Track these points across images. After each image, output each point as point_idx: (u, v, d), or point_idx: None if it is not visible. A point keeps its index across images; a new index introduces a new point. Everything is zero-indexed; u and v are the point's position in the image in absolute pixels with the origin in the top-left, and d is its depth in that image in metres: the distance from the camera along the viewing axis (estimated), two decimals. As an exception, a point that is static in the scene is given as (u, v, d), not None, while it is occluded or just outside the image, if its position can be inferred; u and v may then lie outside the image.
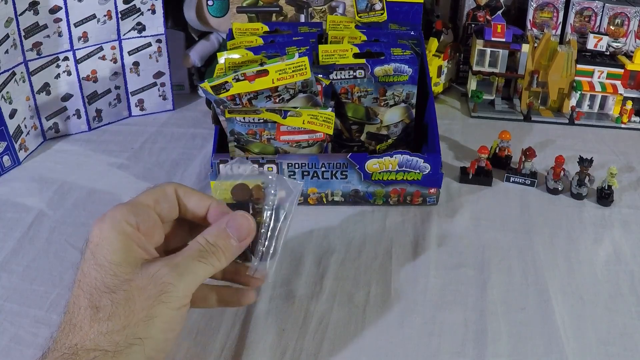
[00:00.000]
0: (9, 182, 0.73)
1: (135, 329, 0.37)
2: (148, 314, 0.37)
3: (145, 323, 0.37)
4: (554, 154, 0.72)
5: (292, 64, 0.63)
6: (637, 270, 0.59)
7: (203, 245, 0.41)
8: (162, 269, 0.39)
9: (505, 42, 0.90)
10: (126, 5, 0.82)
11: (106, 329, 0.36)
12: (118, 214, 0.40)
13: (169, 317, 0.38)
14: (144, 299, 0.37)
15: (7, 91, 0.74)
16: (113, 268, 0.38)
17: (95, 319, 0.37)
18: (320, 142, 0.66)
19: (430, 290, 0.56)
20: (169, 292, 0.38)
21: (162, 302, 0.38)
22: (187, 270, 0.40)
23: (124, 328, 0.36)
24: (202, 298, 0.46)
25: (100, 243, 0.39)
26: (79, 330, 0.37)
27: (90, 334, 0.36)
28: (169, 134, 0.85)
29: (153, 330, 0.37)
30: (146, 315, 0.37)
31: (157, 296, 0.38)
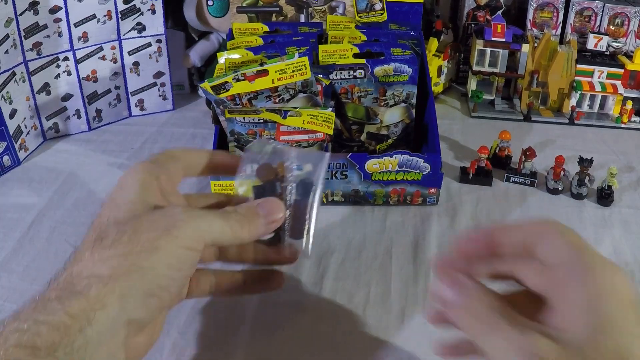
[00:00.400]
0: (9, 182, 0.73)
1: (137, 257, 0.35)
2: (153, 244, 0.35)
3: (148, 252, 0.35)
4: (554, 154, 0.72)
5: (292, 64, 0.63)
6: (637, 270, 0.59)
7: (228, 210, 0.40)
8: (176, 209, 0.38)
9: (505, 42, 0.90)
10: (126, 5, 0.82)
11: (107, 255, 0.35)
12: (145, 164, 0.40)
13: (175, 253, 0.36)
14: (151, 230, 0.36)
15: (7, 91, 0.74)
16: (128, 205, 0.38)
17: (97, 247, 0.36)
18: (320, 142, 0.66)
19: (430, 290, 0.56)
20: (179, 227, 0.36)
21: (170, 234, 0.36)
22: (203, 218, 0.39)
23: (125, 255, 0.35)
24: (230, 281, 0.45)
25: (121, 187, 0.39)
26: (80, 260, 0.36)
27: (90, 261, 0.35)
28: (169, 134, 0.85)
29: (156, 261, 0.35)
30: (151, 245, 0.35)
31: (165, 228, 0.36)
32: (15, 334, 0.31)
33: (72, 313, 0.32)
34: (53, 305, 0.32)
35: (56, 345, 0.31)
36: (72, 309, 0.32)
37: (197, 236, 0.38)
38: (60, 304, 0.32)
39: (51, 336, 0.31)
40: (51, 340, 0.31)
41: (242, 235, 0.40)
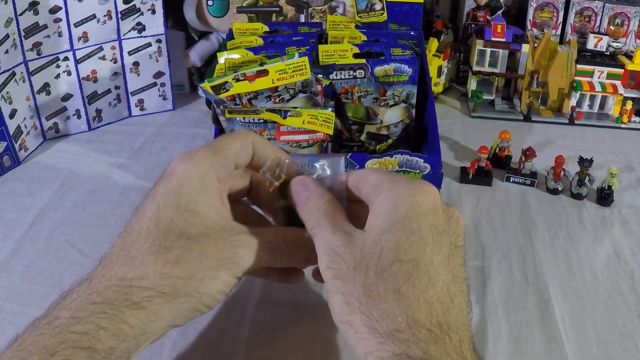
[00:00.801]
0: (9, 182, 0.73)
1: (199, 284, 0.37)
2: (214, 274, 0.37)
3: (209, 281, 0.37)
4: (554, 154, 0.72)
5: (292, 64, 0.63)
6: (637, 270, 0.59)
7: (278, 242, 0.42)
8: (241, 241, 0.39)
9: (505, 42, 0.90)
10: (126, 5, 0.82)
11: (170, 272, 0.36)
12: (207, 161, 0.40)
13: (228, 282, 0.39)
14: (214, 259, 0.38)
15: (7, 91, 0.74)
16: (194, 217, 0.38)
17: (161, 259, 0.36)
18: (320, 142, 0.66)
19: (430, 290, 0.56)
20: (237, 263, 0.39)
21: (228, 269, 0.38)
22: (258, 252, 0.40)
23: (189, 278, 0.37)
24: None
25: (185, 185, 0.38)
26: (139, 265, 0.36)
27: (151, 272, 0.36)
28: (169, 134, 0.85)
29: (213, 289, 0.38)
30: (212, 275, 0.37)
31: (225, 261, 0.38)
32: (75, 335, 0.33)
33: (131, 322, 0.34)
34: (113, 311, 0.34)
35: (112, 349, 0.33)
36: (130, 319, 0.34)
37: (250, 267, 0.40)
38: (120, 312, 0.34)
39: (109, 342, 0.33)
40: (109, 345, 0.33)
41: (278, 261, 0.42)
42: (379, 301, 0.34)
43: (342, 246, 0.36)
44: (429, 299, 0.34)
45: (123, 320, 0.34)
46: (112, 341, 0.33)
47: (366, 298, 0.34)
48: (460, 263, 0.37)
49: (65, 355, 0.32)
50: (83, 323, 0.33)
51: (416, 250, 0.35)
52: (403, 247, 0.35)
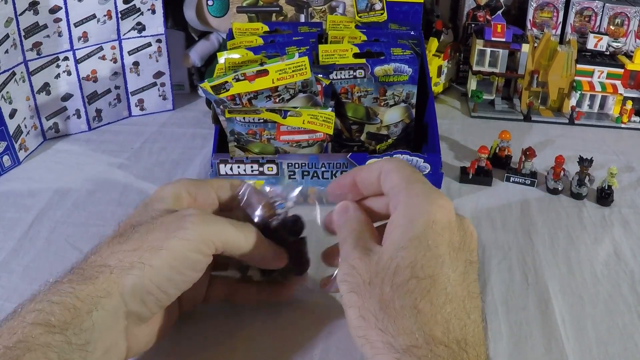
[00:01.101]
0: (9, 182, 0.73)
1: (142, 254, 0.37)
2: (159, 244, 0.38)
3: (152, 251, 0.37)
4: (554, 154, 0.72)
5: (292, 64, 0.63)
6: (637, 270, 0.59)
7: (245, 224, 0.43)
8: (189, 211, 0.40)
9: (505, 42, 0.90)
10: (126, 5, 0.82)
11: (118, 249, 0.38)
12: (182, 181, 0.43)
13: (179, 255, 0.38)
14: (161, 231, 0.38)
15: (7, 91, 0.74)
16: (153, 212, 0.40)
17: (114, 242, 0.39)
18: (320, 142, 0.66)
19: (430, 290, 0.56)
20: (186, 229, 0.38)
21: (176, 237, 0.38)
22: (215, 222, 0.40)
23: (133, 251, 0.37)
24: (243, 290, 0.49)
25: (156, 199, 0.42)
26: (98, 251, 0.39)
27: (104, 253, 0.38)
28: (169, 134, 0.85)
29: (158, 260, 0.37)
30: (157, 245, 0.38)
31: (173, 230, 0.38)
32: (32, 313, 0.34)
33: (81, 297, 0.35)
34: (65, 288, 0.35)
35: (67, 324, 0.34)
36: (81, 293, 0.35)
37: (205, 239, 0.39)
38: (72, 288, 0.35)
39: (63, 315, 0.34)
40: (63, 319, 0.34)
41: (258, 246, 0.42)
42: (395, 317, 0.34)
43: (358, 259, 0.37)
44: (446, 316, 0.34)
45: (74, 294, 0.35)
46: (65, 315, 0.34)
47: (382, 313, 0.34)
48: (475, 279, 0.37)
49: (24, 332, 0.33)
50: (38, 301, 0.35)
51: (433, 267, 0.35)
52: (420, 264, 0.35)
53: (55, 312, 0.34)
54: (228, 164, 0.64)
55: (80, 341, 0.34)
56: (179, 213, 0.40)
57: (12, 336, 0.33)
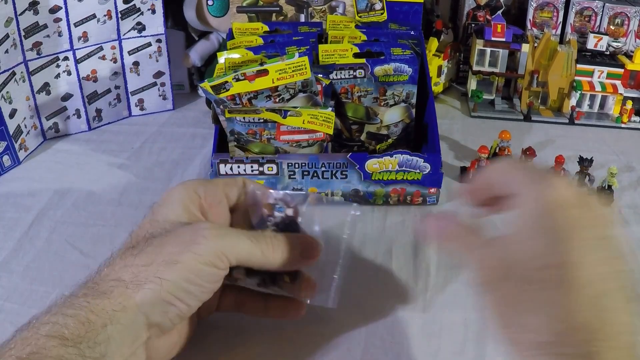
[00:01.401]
0: (9, 182, 0.73)
1: (157, 269, 0.37)
2: (173, 258, 0.38)
3: (167, 265, 0.37)
4: (554, 153, 0.72)
5: (292, 64, 0.63)
6: (637, 270, 0.59)
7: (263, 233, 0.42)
8: (203, 225, 0.40)
9: (505, 42, 0.90)
10: (126, 5, 0.82)
11: (132, 262, 0.38)
12: (188, 183, 0.43)
13: (193, 268, 0.38)
14: (175, 245, 0.38)
15: (7, 91, 0.74)
16: (165, 224, 0.40)
17: (127, 255, 0.38)
18: (320, 142, 0.66)
19: (430, 290, 0.56)
20: (200, 244, 0.38)
21: (190, 251, 0.38)
22: (229, 236, 0.40)
23: (148, 265, 0.37)
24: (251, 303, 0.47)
25: (163, 204, 0.42)
26: (111, 264, 0.39)
27: (118, 267, 0.38)
28: (169, 133, 0.85)
29: (174, 274, 0.37)
30: (171, 259, 0.38)
31: (187, 244, 0.38)
32: (46, 325, 0.34)
33: (96, 310, 0.35)
34: (80, 302, 0.36)
35: (81, 338, 0.34)
36: (96, 307, 0.35)
37: (218, 254, 0.39)
38: (86, 302, 0.36)
39: (77, 329, 0.34)
40: (77, 333, 0.34)
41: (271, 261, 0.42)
42: (531, 311, 0.32)
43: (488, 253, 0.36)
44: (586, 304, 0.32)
45: (89, 309, 0.35)
46: (79, 328, 0.34)
47: (516, 307, 0.33)
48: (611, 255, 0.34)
49: (38, 344, 0.33)
50: (53, 314, 0.35)
51: (564, 253, 0.33)
52: (550, 252, 0.33)
53: (69, 325, 0.34)
54: (228, 164, 0.64)
55: (95, 354, 0.34)
56: (193, 226, 0.40)
57: (26, 347, 0.33)
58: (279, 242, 0.42)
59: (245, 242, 0.40)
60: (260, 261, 0.41)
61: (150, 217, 0.42)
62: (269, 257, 0.41)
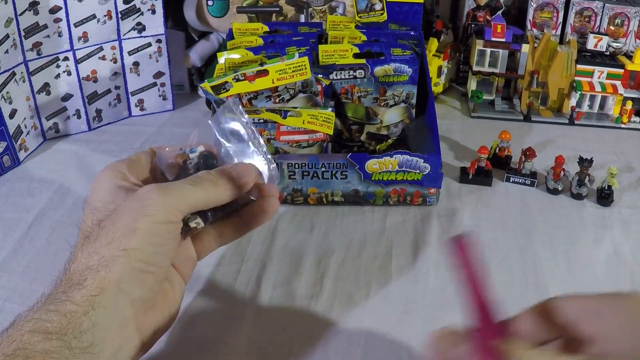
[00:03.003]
0: (9, 182, 0.73)
1: (119, 242, 0.37)
2: (131, 227, 0.38)
3: (127, 235, 0.37)
4: (554, 154, 0.72)
5: (292, 64, 0.63)
6: (637, 270, 0.59)
7: (200, 175, 0.42)
8: (146, 189, 0.40)
9: (505, 42, 0.90)
10: (126, 5, 0.82)
11: (93, 248, 0.38)
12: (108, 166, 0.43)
13: (153, 230, 0.38)
14: (127, 216, 0.38)
15: (7, 91, 0.74)
16: (105, 205, 0.40)
17: (85, 245, 0.39)
18: (320, 142, 0.66)
19: (430, 290, 0.56)
20: (150, 205, 0.38)
21: (144, 214, 0.38)
22: (173, 189, 0.40)
23: (109, 243, 0.38)
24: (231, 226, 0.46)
25: (95, 191, 0.42)
26: (75, 260, 0.39)
27: (82, 258, 0.38)
28: (169, 134, 0.85)
29: (137, 241, 0.37)
30: (129, 228, 0.38)
31: (138, 210, 0.38)
32: (30, 322, 0.34)
33: (76, 301, 0.35)
34: (60, 297, 0.36)
35: (65, 329, 0.34)
36: (75, 298, 0.35)
37: (171, 209, 0.39)
38: (66, 296, 0.36)
39: (60, 322, 0.34)
40: (60, 325, 0.34)
41: (218, 195, 0.42)
42: None
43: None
44: None
45: (69, 301, 0.35)
46: (62, 320, 0.34)
47: None
48: None
49: (23, 340, 0.33)
50: (35, 310, 0.36)
51: None
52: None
53: (52, 319, 0.34)
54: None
55: (82, 344, 0.34)
56: (136, 194, 0.40)
57: (11, 344, 0.33)
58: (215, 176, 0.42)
59: (188, 188, 0.41)
60: (207, 200, 0.41)
61: (88, 209, 0.42)
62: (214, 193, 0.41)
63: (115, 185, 0.42)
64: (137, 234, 0.38)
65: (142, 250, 0.38)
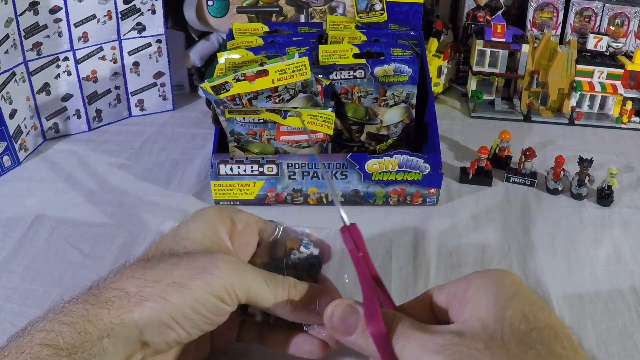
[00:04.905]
0: (9, 182, 0.73)
1: (164, 288, 0.36)
2: (182, 282, 0.36)
3: (175, 288, 0.36)
4: (554, 154, 0.72)
5: (292, 64, 0.63)
6: (637, 270, 0.59)
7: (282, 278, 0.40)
8: (222, 256, 0.38)
9: (505, 42, 0.90)
10: (126, 5, 0.82)
11: (140, 276, 0.37)
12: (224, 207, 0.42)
13: (200, 297, 0.36)
14: (187, 269, 0.37)
15: (7, 91, 0.74)
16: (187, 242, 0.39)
17: (137, 267, 0.37)
18: (320, 142, 0.66)
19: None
20: (212, 275, 0.37)
21: (201, 279, 0.36)
22: (245, 273, 0.38)
23: (155, 283, 0.36)
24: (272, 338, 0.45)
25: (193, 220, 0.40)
26: (120, 273, 0.38)
27: (125, 277, 0.37)
28: (169, 134, 0.85)
29: (179, 298, 0.36)
30: (180, 282, 0.36)
31: (200, 271, 0.37)
32: (41, 333, 0.33)
33: (94, 321, 0.34)
34: (78, 309, 0.34)
35: (76, 348, 0.33)
36: (94, 317, 0.34)
37: (229, 289, 0.38)
38: (85, 310, 0.34)
39: (73, 338, 0.33)
40: (72, 342, 0.33)
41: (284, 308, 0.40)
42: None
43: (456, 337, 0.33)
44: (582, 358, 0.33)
45: (86, 318, 0.34)
46: (75, 338, 0.33)
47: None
48: None
49: (32, 352, 0.32)
50: (49, 320, 0.34)
51: (546, 316, 0.34)
52: (532, 316, 0.34)
53: (64, 333, 0.33)
54: (228, 164, 0.64)
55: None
56: (212, 255, 0.38)
57: (19, 355, 0.32)
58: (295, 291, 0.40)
59: (260, 283, 0.39)
60: (271, 306, 0.40)
61: (174, 232, 0.40)
62: (281, 305, 0.40)
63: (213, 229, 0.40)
64: (183, 293, 0.36)
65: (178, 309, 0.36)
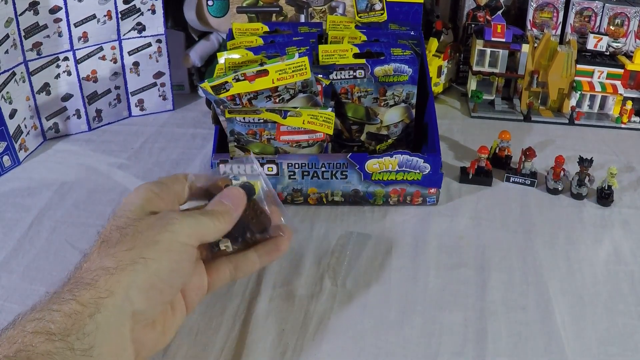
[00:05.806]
0: (9, 182, 0.73)
1: (141, 250, 0.38)
2: (154, 239, 0.39)
3: (149, 245, 0.39)
4: (554, 154, 0.72)
5: (292, 64, 0.63)
6: (637, 270, 0.59)
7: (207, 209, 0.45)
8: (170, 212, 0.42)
9: (505, 42, 0.90)
10: (126, 5, 0.82)
11: (112, 252, 0.39)
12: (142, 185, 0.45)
13: (173, 246, 0.40)
14: (151, 229, 0.40)
15: (7, 91, 0.74)
16: (128, 215, 0.41)
17: (103, 247, 0.39)
18: (320, 142, 0.66)
19: (430, 290, 0.56)
20: (174, 224, 0.40)
21: (168, 230, 0.40)
22: (192, 217, 0.43)
23: (130, 249, 0.38)
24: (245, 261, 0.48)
25: (123, 204, 0.43)
26: (89, 259, 0.39)
27: (97, 258, 0.39)
28: (169, 134, 0.85)
29: (158, 252, 0.39)
30: (152, 240, 0.39)
31: (163, 226, 0.40)
32: (32, 322, 0.34)
33: (82, 301, 0.35)
34: (65, 296, 0.35)
35: (69, 330, 0.34)
36: (82, 298, 0.35)
37: (191, 232, 0.41)
38: (72, 295, 0.35)
39: (64, 322, 0.34)
40: (64, 326, 0.34)
41: (223, 227, 0.44)
42: None
43: None
44: None
45: (75, 300, 0.35)
46: (66, 321, 0.34)
47: None
48: None
49: (24, 341, 0.33)
50: (38, 310, 0.35)
51: None
52: None
53: (55, 319, 0.34)
54: (228, 164, 0.64)
55: (84, 346, 0.34)
56: (163, 213, 0.42)
57: (12, 345, 0.33)
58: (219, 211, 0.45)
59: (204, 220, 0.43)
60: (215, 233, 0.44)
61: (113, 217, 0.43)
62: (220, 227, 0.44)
63: (145, 204, 0.43)
64: (159, 247, 0.39)
65: (159, 263, 0.39)
